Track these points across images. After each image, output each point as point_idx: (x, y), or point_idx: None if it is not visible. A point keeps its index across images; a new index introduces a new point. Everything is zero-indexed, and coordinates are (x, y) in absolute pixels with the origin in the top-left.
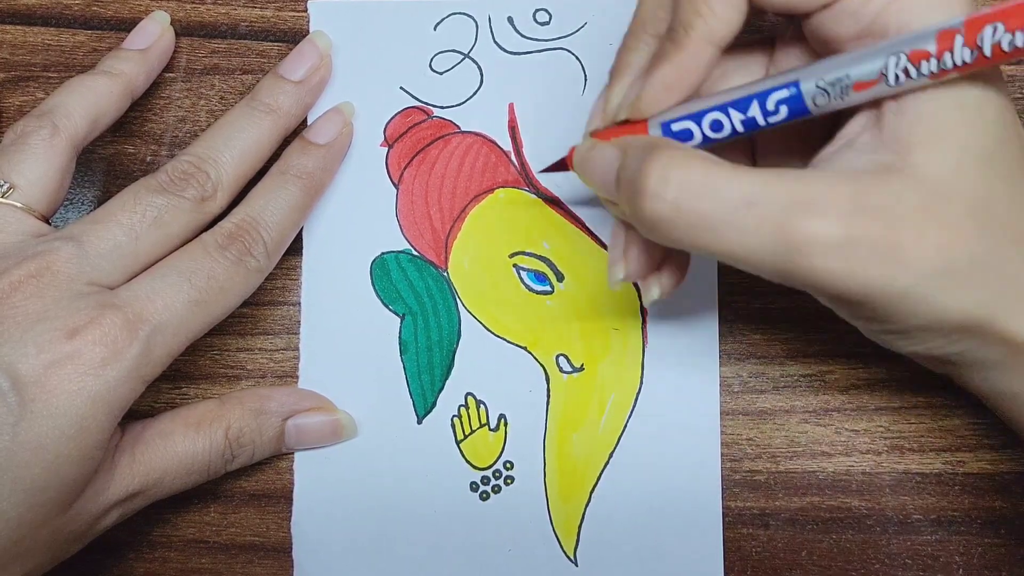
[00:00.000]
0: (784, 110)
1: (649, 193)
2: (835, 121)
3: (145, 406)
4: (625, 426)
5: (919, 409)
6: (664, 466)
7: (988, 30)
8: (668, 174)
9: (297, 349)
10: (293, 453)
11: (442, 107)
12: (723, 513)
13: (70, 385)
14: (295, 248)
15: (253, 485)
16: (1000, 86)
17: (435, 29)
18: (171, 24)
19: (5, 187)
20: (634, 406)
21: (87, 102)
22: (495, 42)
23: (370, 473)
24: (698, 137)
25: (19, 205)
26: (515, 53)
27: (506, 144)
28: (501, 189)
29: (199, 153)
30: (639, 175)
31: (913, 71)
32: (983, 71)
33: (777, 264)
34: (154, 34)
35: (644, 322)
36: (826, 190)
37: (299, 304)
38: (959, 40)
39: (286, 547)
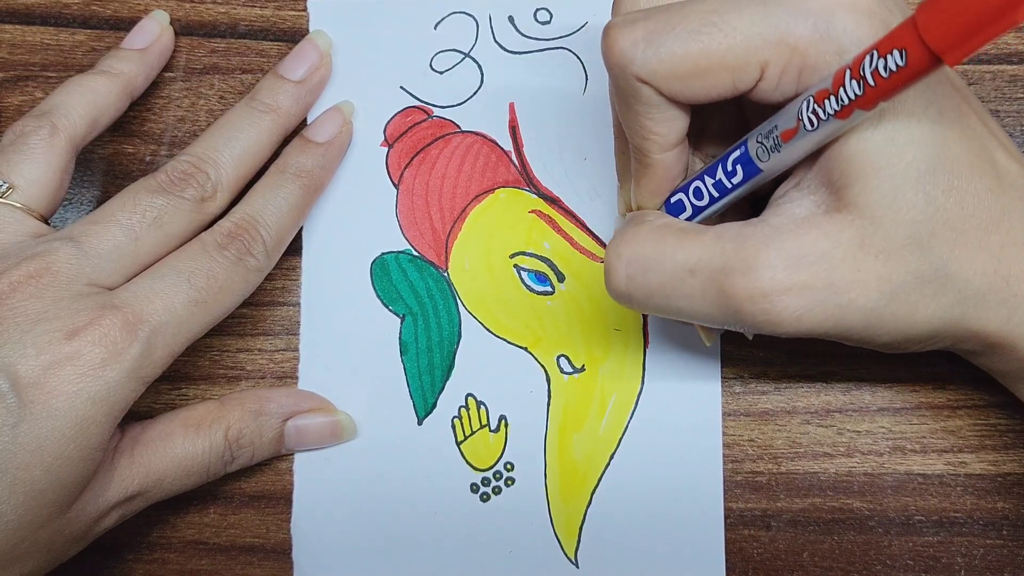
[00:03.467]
0: (740, 170)
1: (607, 270)
2: None
3: (144, 407)
4: (626, 427)
5: (921, 410)
6: (665, 467)
7: (867, 60)
8: (621, 251)
9: (297, 350)
10: (293, 454)
11: (442, 107)
12: (725, 514)
13: (70, 386)
14: (295, 248)
15: (253, 486)
16: (934, 102)
17: (435, 28)
18: (170, 23)
19: (4, 187)
20: (635, 407)
21: (86, 102)
22: (496, 41)
23: (370, 474)
24: (688, 207)
25: (18, 205)
26: (516, 52)
27: (507, 144)
28: (502, 189)
29: (199, 153)
30: (606, 255)
31: (821, 112)
32: (905, 96)
33: (728, 320)
34: (153, 33)
35: (645, 323)
36: (760, 248)
37: (299, 304)
38: (848, 74)
39: (286, 548)
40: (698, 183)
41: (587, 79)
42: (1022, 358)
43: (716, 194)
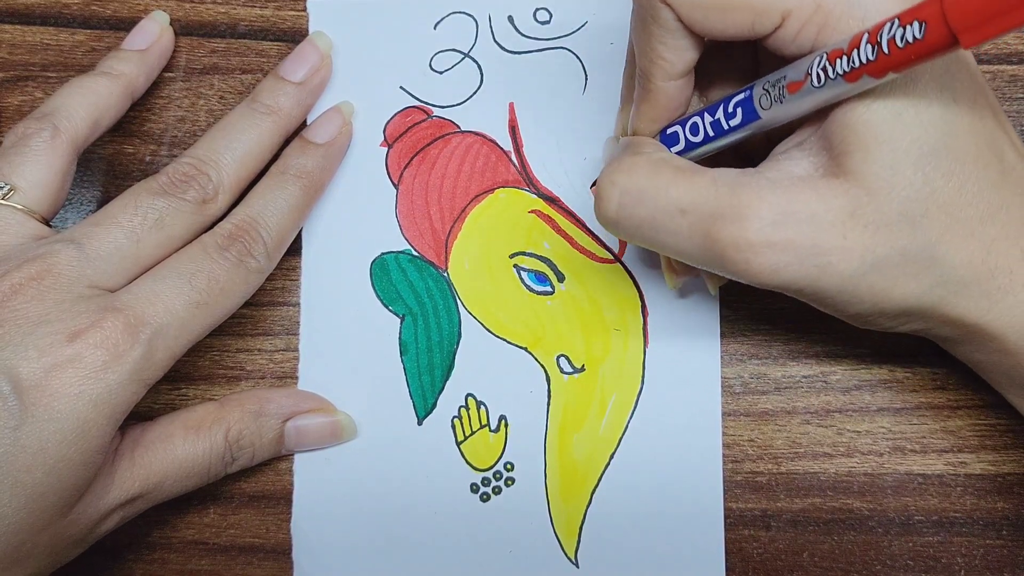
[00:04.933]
0: (739, 113)
1: (600, 196)
2: None
3: (144, 407)
4: (626, 427)
5: (921, 410)
6: (665, 467)
7: (887, 27)
8: (615, 179)
9: (297, 350)
10: (293, 454)
11: (442, 107)
12: (724, 514)
13: (71, 389)
14: (295, 248)
15: (253, 486)
16: (949, 88)
17: (435, 28)
18: (170, 24)
19: (6, 189)
20: (635, 407)
21: (88, 103)
22: (495, 41)
23: (370, 474)
24: (682, 140)
25: (20, 207)
26: (515, 52)
27: (506, 144)
28: (501, 189)
29: (200, 155)
30: (599, 178)
31: (831, 70)
32: (920, 76)
33: (710, 263)
34: (153, 34)
35: (645, 323)
36: (752, 199)
37: (299, 305)
38: (865, 38)
39: (286, 548)
40: (696, 119)
41: (587, 79)
42: (1002, 349)
43: (711, 133)
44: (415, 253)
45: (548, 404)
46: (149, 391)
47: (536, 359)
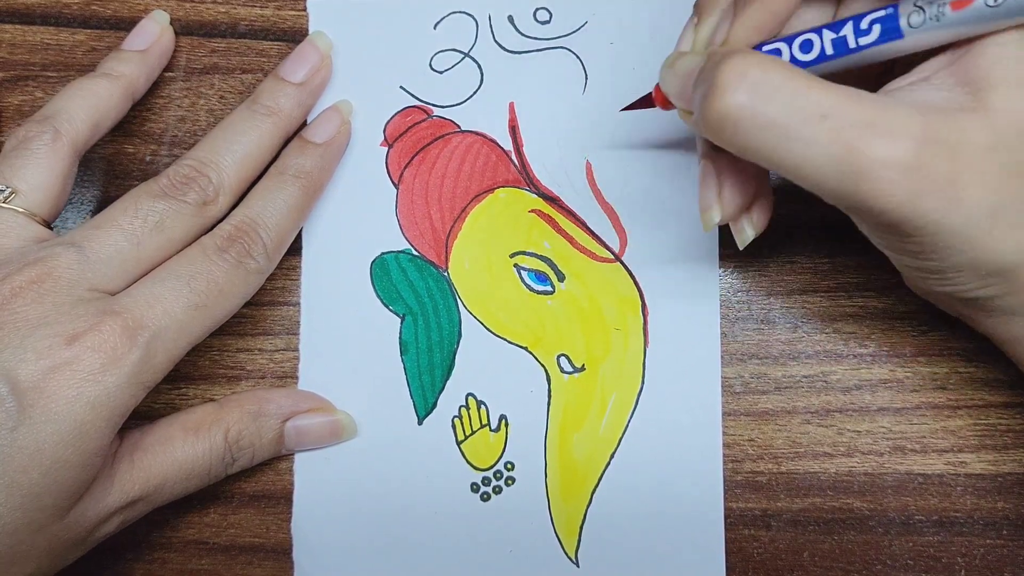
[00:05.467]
0: (876, 30)
1: (722, 87)
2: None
3: (144, 407)
4: (626, 427)
5: (921, 410)
6: (666, 467)
7: None
8: (746, 71)
9: (297, 350)
10: (293, 454)
11: (442, 106)
12: (725, 514)
13: (69, 391)
14: (295, 248)
15: (253, 486)
16: None
17: (435, 28)
18: (170, 23)
19: (7, 192)
20: (635, 407)
21: (88, 105)
22: (495, 41)
23: (370, 474)
24: (786, 56)
25: (21, 210)
26: (515, 52)
27: (506, 143)
28: (501, 189)
29: (200, 157)
30: (716, 71)
31: None
32: None
33: (840, 182)
34: (154, 34)
35: (645, 322)
36: (901, 116)
37: (299, 304)
38: None
39: (286, 548)
40: (811, 35)
41: (587, 79)
42: None
43: (831, 51)
44: (415, 253)
45: (548, 404)
46: (149, 391)
47: (536, 359)
